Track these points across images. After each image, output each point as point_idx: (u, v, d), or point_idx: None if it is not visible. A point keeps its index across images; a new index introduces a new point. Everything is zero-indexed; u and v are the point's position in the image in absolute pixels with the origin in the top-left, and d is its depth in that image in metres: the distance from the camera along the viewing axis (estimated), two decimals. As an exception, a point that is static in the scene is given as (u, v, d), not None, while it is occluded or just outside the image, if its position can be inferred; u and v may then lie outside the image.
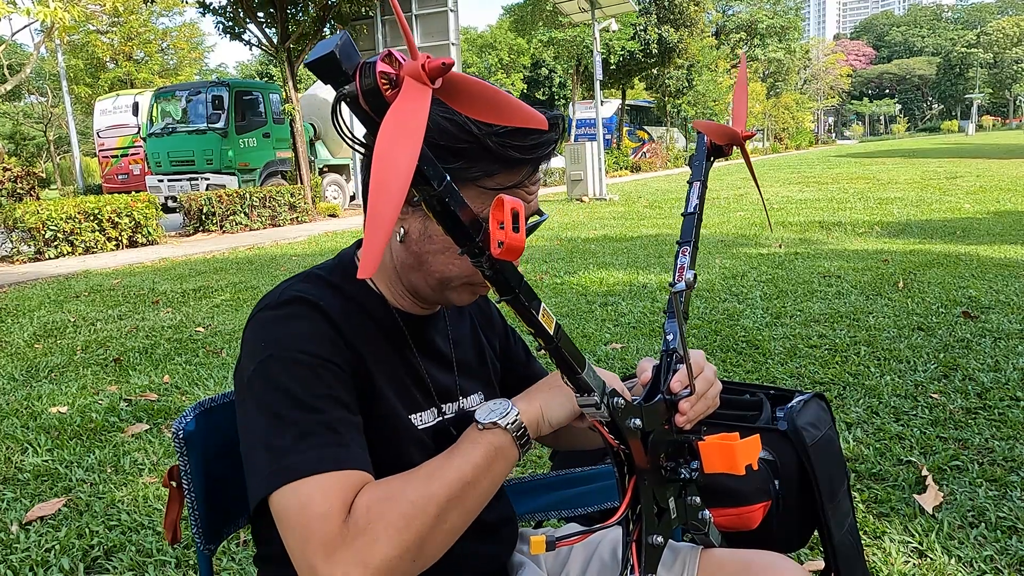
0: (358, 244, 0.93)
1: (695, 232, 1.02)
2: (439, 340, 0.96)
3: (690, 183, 1.07)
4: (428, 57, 0.55)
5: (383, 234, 0.52)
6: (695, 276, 0.90)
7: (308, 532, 0.70)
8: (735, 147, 1.09)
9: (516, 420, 0.79)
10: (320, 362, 0.79)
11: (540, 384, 0.86)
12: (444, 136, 0.79)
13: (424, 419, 0.91)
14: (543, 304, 0.69)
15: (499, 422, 0.78)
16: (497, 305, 1.13)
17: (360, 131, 0.71)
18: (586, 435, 1.08)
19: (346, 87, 0.55)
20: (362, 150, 0.76)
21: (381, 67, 0.54)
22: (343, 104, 0.57)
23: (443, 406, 0.94)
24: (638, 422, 0.79)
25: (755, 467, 0.81)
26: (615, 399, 0.77)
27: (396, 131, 0.53)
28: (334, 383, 0.79)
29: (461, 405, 0.96)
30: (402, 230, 0.85)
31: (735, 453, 0.79)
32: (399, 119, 0.54)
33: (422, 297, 0.91)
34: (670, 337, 0.93)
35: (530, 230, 0.86)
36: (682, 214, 1.05)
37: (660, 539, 0.81)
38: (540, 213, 0.89)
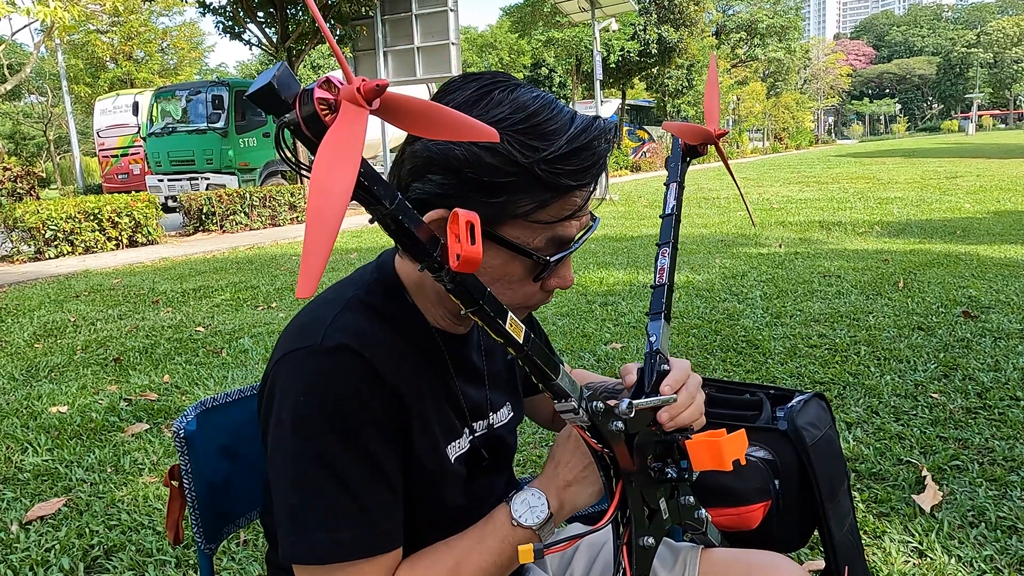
0: (393, 251, 0.89)
1: (674, 233, 1.02)
2: (474, 355, 0.94)
3: (667, 185, 1.07)
4: (363, 80, 0.56)
5: (321, 258, 0.52)
6: (630, 405, 0.81)
7: None
8: (710, 146, 1.09)
9: (547, 519, 0.82)
10: (365, 430, 0.76)
11: (568, 469, 0.85)
12: (485, 171, 0.73)
13: (460, 446, 0.88)
14: (510, 314, 0.70)
15: (535, 528, 0.81)
16: None
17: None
18: None
19: (287, 115, 0.55)
20: (308, 175, 0.75)
21: (319, 93, 0.55)
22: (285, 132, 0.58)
23: (474, 424, 0.91)
24: (620, 424, 0.79)
25: (743, 462, 0.81)
26: (594, 403, 0.77)
27: (332, 155, 0.54)
28: (374, 447, 0.76)
29: (490, 421, 0.94)
30: None
31: (721, 449, 0.79)
32: (335, 143, 0.54)
33: (463, 319, 0.87)
34: (653, 339, 0.93)
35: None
36: (660, 216, 1.05)
37: (651, 540, 0.81)
38: (593, 219, 0.84)
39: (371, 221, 0.64)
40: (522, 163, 0.73)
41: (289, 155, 0.60)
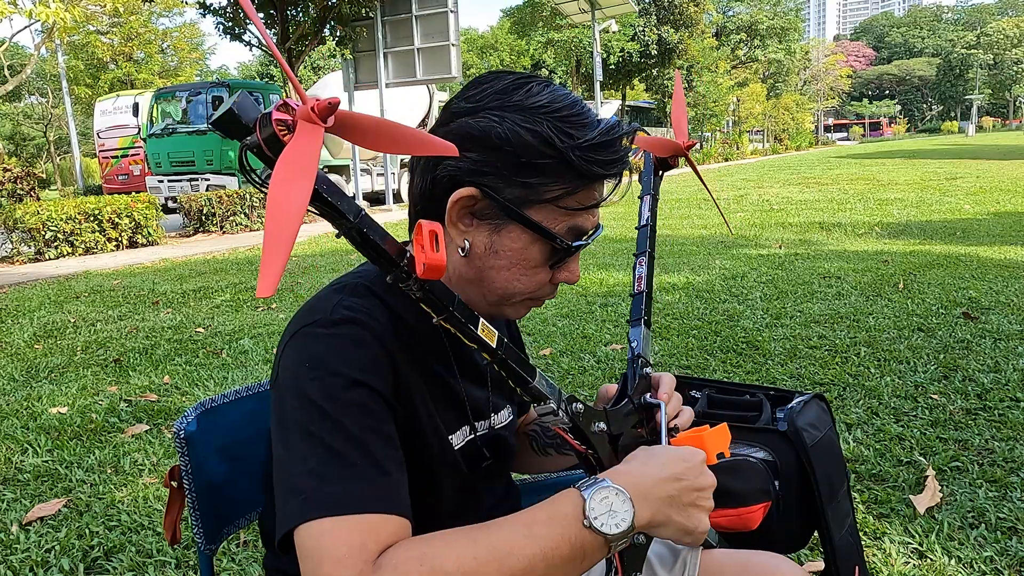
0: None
1: (650, 243, 1.05)
2: (477, 355, 0.92)
3: (641, 198, 1.10)
4: (316, 100, 0.58)
5: (277, 267, 0.54)
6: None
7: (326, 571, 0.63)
8: (680, 157, 1.11)
9: (627, 531, 0.68)
10: (371, 394, 0.73)
11: (678, 484, 0.72)
12: (524, 150, 0.75)
13: (455, 440, 0.87)
14: (482, 320, 0.71)
15: (610, 538, 0.67)
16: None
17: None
18: (546, 462, 1.10)
19: (248, 139, 0.58)
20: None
21: (277, 116, 0.58)
22: (249, 154, 0.60)
23: (476, 423, 0.91)
24: (603, 425, 0.80)
25: (727, 455, 0.82)
26: (573, 404, 0.78)
27: (288, 171, 0.56)
28: (383, 416, 0.74)
29: (491, 422, 0.94)
30: (466, 243, 0.80)
31: (705, 443, 0.80)
32: (290, 159, 0.56)
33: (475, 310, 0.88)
34: (635, 344, 0.95)
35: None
36: (636, 227, 1.08)
37: (642, 538, 0.82)
38: (597, 225, 0.87)
39: (337, 235, 0.65)
40: (558, 147, 0.75)
41: (253, 176, 0.62)
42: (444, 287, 0.68)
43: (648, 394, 0.88)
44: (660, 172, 1.13)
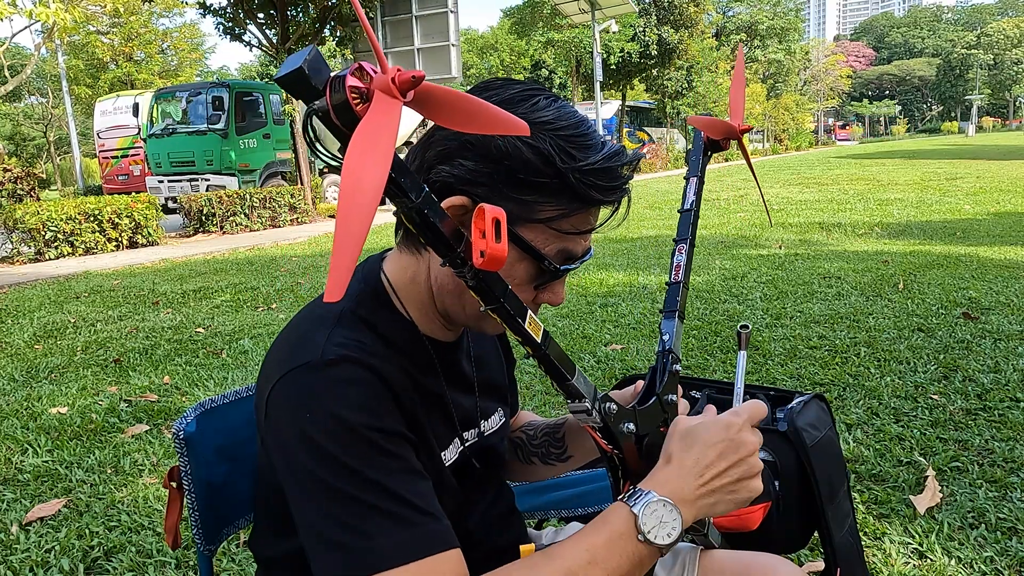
0: (380, 257, 0.87)
1: (692, 229, 0.99)
2: (464, 363, 0.92)
3: (687, 179, 1.04)
4: (399, 70, 0.55)
5: (353, 252, 0.51)
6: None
7: None
8: (732, 141, 1.06)
9: (678, 539, 0.71)
10: (384, 435, 0.71)
11: (714, 466, 0.74)
12: (522, 166, 0.73)
13: (447, 456, 0.86)
14: (530, 311, 0.69)
15: (662, 548, 0.70)
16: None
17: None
18: (530, 471, 1.10)
19: (316, 102, 0.54)
20: (337, 164, 0.74)
21: (351, 81, 0.54)
22: (314, 119, 0.57)
23: (464, 434, 0.90)
24: (631, 426, 0.79)
25: None
26: (607, 404, 0.77)
27: (366, 145, 0.53)
28: (403, 452, 0.73)
29: (481, 429, 0.93)
30: None
31: None
32: (369, 133, 0.53)
33: (453, 322, 0.85)
34: (666, 337, 0.91)
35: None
36: (679, 211, 1.02)
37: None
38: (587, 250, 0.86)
39: (395, 213, 0.63)
40: (559, 167, 0.73)
41: (316, 143, 0.59)
42: (498, 277, 0.66)
43: (682, 393, 0.87)
44: (709, 153, 1.06)
